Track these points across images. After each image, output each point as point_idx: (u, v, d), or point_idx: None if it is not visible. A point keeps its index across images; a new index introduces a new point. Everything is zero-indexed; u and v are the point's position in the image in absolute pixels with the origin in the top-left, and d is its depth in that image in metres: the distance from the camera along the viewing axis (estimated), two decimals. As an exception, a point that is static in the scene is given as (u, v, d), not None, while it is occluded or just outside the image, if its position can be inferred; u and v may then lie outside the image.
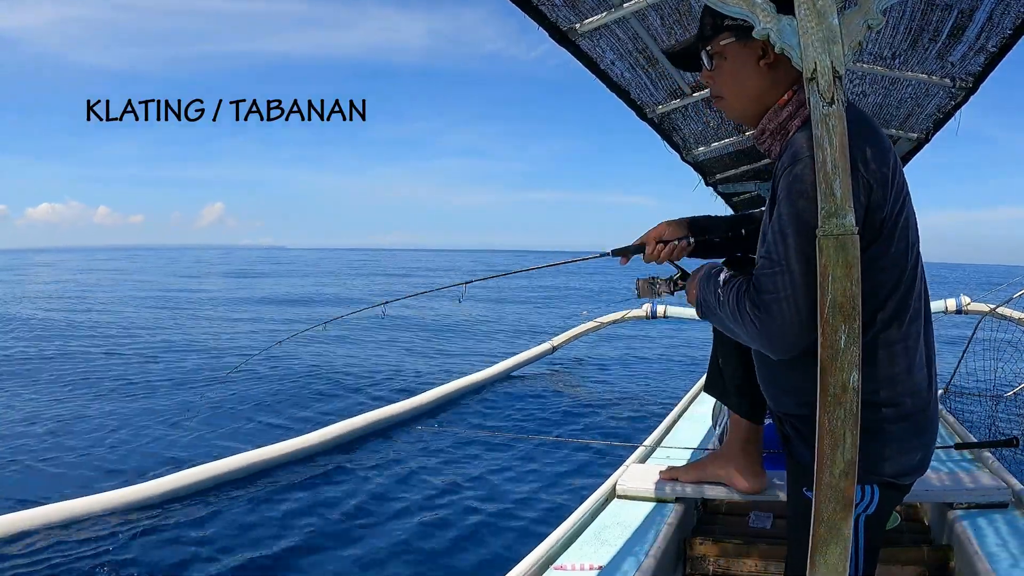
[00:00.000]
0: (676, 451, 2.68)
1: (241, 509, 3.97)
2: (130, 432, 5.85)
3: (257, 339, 12.19)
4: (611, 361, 10.09)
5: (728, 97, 1.37)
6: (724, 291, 1.30)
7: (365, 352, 10.74)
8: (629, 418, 6.60)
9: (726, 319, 1.29)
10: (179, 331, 13.32)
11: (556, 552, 1.78)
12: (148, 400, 7.18)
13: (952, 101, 2.67)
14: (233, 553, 3.41)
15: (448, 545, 3.54)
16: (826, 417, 1.00)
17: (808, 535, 1.32)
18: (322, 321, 2.43)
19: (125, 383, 8.10)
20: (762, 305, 1.17)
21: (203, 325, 14.55)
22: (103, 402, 7.05)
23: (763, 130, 1.34)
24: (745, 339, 1.27)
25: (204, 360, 9.85)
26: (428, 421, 6.24)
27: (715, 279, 1.34)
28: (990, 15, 1.97)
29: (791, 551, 1.47)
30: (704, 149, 3.54)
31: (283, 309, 18.20)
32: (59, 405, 6.90)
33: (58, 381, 8.16)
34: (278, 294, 23.47)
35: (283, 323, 14.75)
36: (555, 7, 1.98)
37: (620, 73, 2.51)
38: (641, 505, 2.10)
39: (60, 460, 5.05)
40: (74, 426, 6.02)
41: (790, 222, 1.14)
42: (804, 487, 1.34)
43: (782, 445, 1.45)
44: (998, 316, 5.00)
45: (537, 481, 4.58)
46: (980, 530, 1.82)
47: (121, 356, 10.13)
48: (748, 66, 1.31)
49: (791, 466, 1.43)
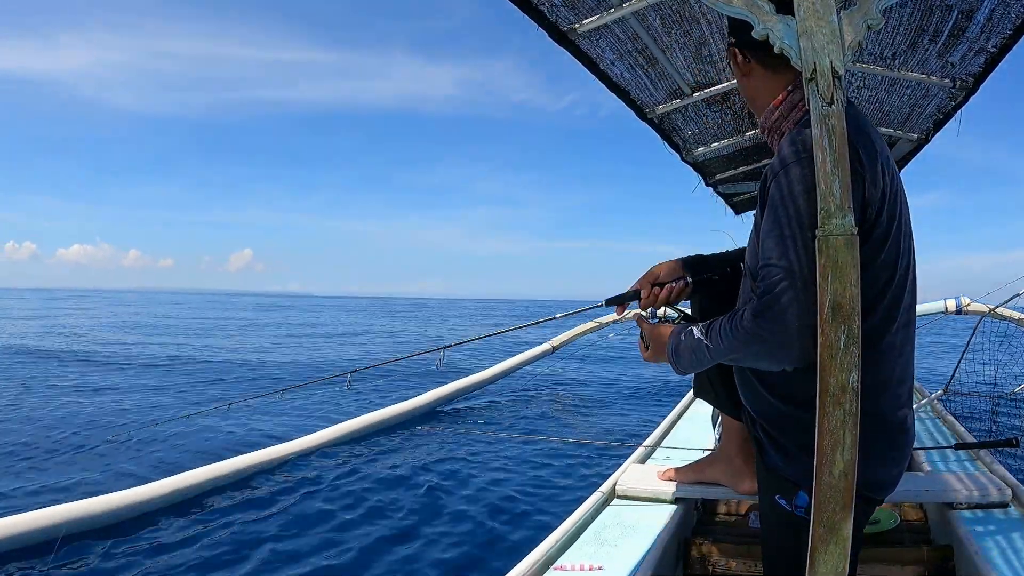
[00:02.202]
0: (676, 451, 2.68)
1: (241, 510, 3.97)
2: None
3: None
4: (611, 361, 10.09)
5: (748, 101, 1.45)
6: (710, 335, 1.27)
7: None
8: (629, 418, 6.60)
9: (723, 354, 1.25)
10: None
11: (556, 553, 1.78)
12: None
13: (952, 102, 2.67)
14: (231, 555, 3.40)
15: (448, 546, 3.54)
16: (826, 417, 1.00)
17: (785, 545, 1.33)
18: (277, 389, 2.24)
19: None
20: (767, 314, 1.14)
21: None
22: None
23: (763, 128, 1.38)
24: (752, 361, 1.23)
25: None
26: (428, 421, 6.24)
27: (690, 335, 1.32)
28: (990, 15, 1.97)
29: (769, 562, 1.43)
30: (704, 149, 3.54)
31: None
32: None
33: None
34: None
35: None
36: (554, 7, 1.98)
37: (620, 73, 2.51)
38: (641, 505, 2.10)
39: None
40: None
41: (786, 226, 1.14)
42: (777, 495, 1.33)
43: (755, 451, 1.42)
44: (998, 317, 5.00)
45: (537, 481, 4.58)
46: (980, 530, 1.81)
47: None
48: (738, 75, 1.41)
49: (763, 474, 1.40)
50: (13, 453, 5.31)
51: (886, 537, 2.11)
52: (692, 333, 1.32)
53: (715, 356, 1.27)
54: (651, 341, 1.48)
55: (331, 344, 18.42)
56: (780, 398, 1.29)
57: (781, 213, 1.15)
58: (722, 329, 1.23)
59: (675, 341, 1.37)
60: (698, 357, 1.31)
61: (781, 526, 1.35)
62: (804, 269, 1.10)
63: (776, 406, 1.30)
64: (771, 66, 1.32)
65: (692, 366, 1.36)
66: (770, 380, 1.30)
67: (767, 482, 1.38)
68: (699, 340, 1.29)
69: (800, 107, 1.27)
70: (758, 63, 1.35)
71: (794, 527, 1.27)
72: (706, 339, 1.28)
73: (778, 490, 1.33)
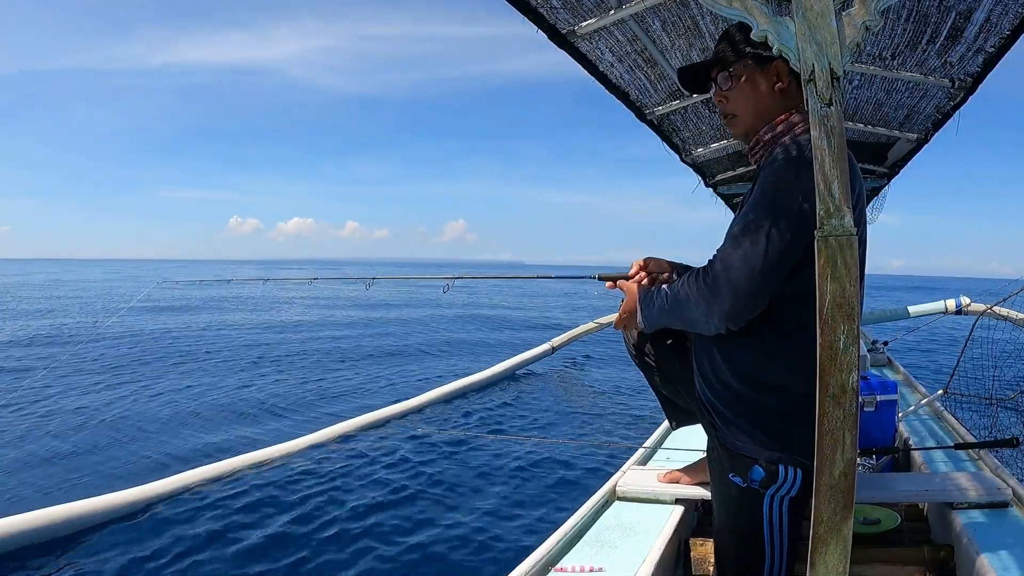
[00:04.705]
0: (676, 452, 2.68)
1: (240, 510, 3.96)
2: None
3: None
4: (610, 362, 10.09)
5: (740, 115, 1.50)
6: (670, 289, 1.46)
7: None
8: (629, 419, 6.60)
9: (681, 302, 1.42)
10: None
11: (556, 554, 1.78)
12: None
13: (951, 102, 2.67)
14: (231, 555, 3.40)
15: (447, 547, 3.54)
16: (825, 417, 1.00)
17: (739, 520, 1.45)
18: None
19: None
20: (718, 268, 1.31)
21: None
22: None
23: (758, 141, 1.48)
24: (698, 314, 1.38)
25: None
26: (427, 422, 6.24)
27: (659, 289, 1.52)
28: (988, 16, 1.98)
29: (720, 542, 1.54)
30: (703, 151, 3.54)
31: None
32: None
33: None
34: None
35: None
36: (553, 9, 1.98)
37: (619, 75, 2.51)
38: (641, 506, 2.10)
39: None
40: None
41: (761, 205, 1.28)
42: (730, 473, 1.43)
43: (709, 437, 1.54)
44: (996, 316, 4.99)
45: (537, 483, 4.58)
46: (980, 530, 1.81)
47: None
48: (762, 89, 1.45)
49: (717, 454, 1.50)
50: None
51: (886, 537, 2.11)
52: (661, 286, 1.52)
53: (672, 303, 1.45)
54: (626, 293, 1.65)
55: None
56: (746, 382, 1.40)
57: (758, 194, 1.30)
58: (687, 278, 1.41)
59: (645, 291, 1.56)
60: (659, 304, 1.49)
61: (734, 502, 1.46)
62: (763, 241, 1.25)
63: (735, 388, 1.42)
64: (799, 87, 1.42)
65: (658, 315, 1.51)
66: (742, 369, 1.41)
67: (719, 463, 1.49)
68: (665, 290, 1.49)
69: (799, 126, 1.39)
70: (797, 83, 1.42)
71: (748, 499, 1.40)
72: (668, 288, 1.48)
73: (731, 468, 1.43)
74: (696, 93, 1.95)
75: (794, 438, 1.34)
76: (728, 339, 1.40)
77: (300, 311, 20.69)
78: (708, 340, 1.46)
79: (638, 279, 1.68)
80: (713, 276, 1.33)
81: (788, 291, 1.32)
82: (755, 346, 1.38)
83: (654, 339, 1.77)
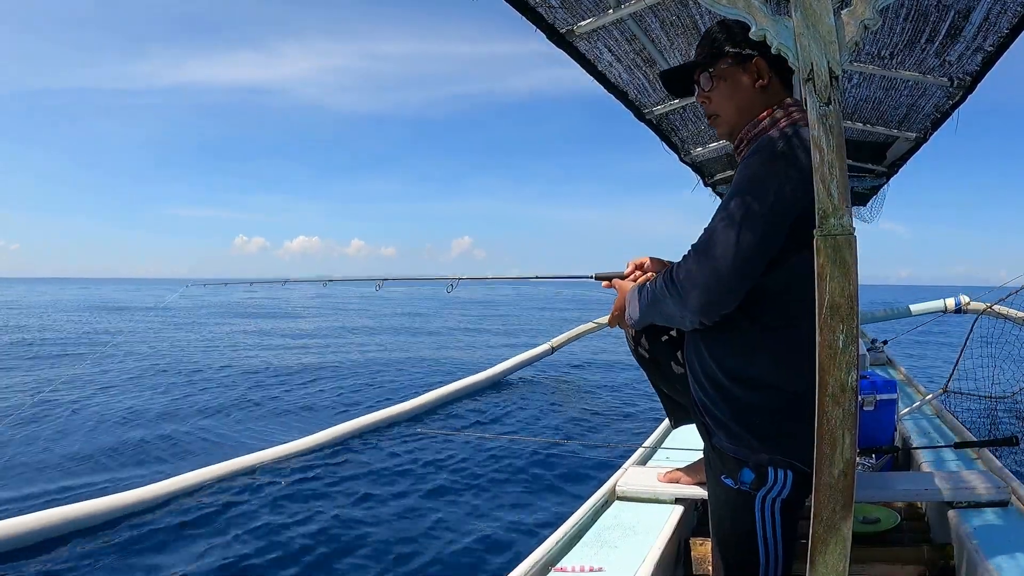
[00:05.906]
0: (676, 452, 2.68)
1: (239, 512, 3.96)
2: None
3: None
4: (610, 362, 10.09)
5: (724, 115, 1.50)
6: (652, 285, 1.46)
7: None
8: (629, 419, 6.60)
9: (657, 300, 1.43)
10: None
11: (556, 554, 1.78)
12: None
13: (950, 101, 2.67)
14: (230, 556, 3.40)
15: (447, 548, 3.53)
16: (825, 417, 1.00)
17: (736, 522, 1.44)
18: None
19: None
20: (691, 263, 1.32)
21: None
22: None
23: (742, 139, 1.47)
24: (674, 308, 1.38)
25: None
26: (427, 423, 6.23)
27: (646, 285, 1.51)
28: (987, 15, 1.98)
29: (717, 542, 1.53)
30: (702, 150, 3.54)
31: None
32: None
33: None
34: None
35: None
36: (552, 9, 1.98)
37: (618, 74, 2.51)
38: (641, 506, 2.10)
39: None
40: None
41: (734, 199, 1.28)
42: (722, 475, 1.43)
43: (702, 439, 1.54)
44: (996, 314, 4.99)
45: (537, 483, 4.58)
46: (980, 529, 1.81)
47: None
48: (744, 87, 1.45)
49: (710, 455, 1.50)
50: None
51: (886, 536, 2.11)
52: (653, 280, 1.50)
53: (652, 299, 1.46)
54: (618, 289, 1.66)
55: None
56: (732, 378, 1.39)
57: (735, 187, 1.30)
58: (665, 272, 1.41)
59: (636, 287, 1.56)
60: (643, 300, 1.50)
61: (729, 504, 1.45)
62: (743, 229, 1.25)
63: (723, 385, 1.40)
64: (784, 81, 1.44)
65: (642, 311, 1.51)
66: (726, 363, 1.40)
67: (713, 465, 1.48)
68: (648, 286, 1.49)
69: (781, 120, 1.39)
70: (779, 80, 1.45)
71: (742, 500, 1.40)
72: (650, 283, 1.48)
73: (723, 470, 1.43)
74: (680, 96, 1.94)
75: (784, 438, 1.33)
76: (711, 334, 1.40)
77: (314, 319, 21.79)
78: (696, 336, 1.46)
79: (633, 277, 1.68)
80: (686, 270, 1.32)
81: (770, 285, 1.30)
82: (735, 340, 1.37)
83: (650, 335, 1.76)
